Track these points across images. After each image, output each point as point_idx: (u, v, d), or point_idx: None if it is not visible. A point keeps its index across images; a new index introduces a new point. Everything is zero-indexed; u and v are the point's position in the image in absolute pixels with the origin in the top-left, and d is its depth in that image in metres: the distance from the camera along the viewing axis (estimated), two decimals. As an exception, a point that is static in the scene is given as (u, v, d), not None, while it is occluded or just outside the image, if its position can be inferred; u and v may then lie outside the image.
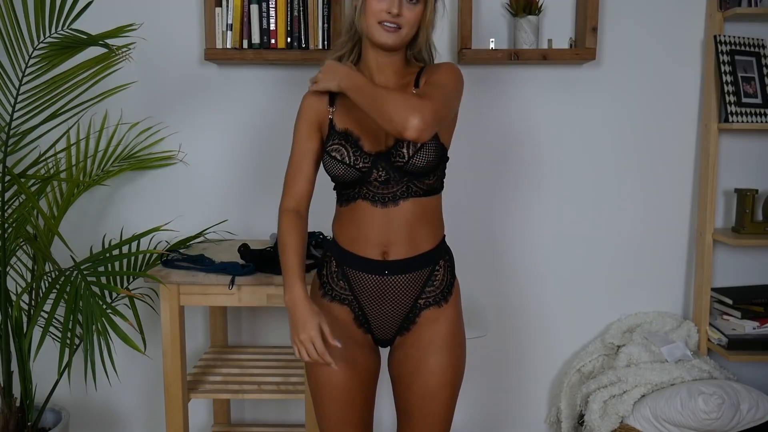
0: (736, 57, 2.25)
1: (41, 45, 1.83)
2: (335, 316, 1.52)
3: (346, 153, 1.46)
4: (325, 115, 1.51)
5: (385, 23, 1.42)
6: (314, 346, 1.38)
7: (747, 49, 2.27)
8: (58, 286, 1.76)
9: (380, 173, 1.45)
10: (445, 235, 1.58)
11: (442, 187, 1.54)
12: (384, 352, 1.62)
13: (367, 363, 1.54)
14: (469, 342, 1.61)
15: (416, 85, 1.49)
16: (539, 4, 2.24)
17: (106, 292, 2.17)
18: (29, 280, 2.19)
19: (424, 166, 1.45)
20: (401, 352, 1.55)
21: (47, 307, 2.20)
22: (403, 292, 1.50)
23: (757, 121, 2.25)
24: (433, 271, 1.52)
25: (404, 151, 1.44)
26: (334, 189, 1.56)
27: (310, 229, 1.65)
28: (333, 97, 1.52)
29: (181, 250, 2.13)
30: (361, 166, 1.45)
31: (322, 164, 1.53)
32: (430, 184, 1.49)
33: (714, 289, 2.38)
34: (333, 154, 1.47)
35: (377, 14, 1.42)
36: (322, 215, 1.75)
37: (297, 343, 1.41)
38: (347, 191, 1.49)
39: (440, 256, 1.54)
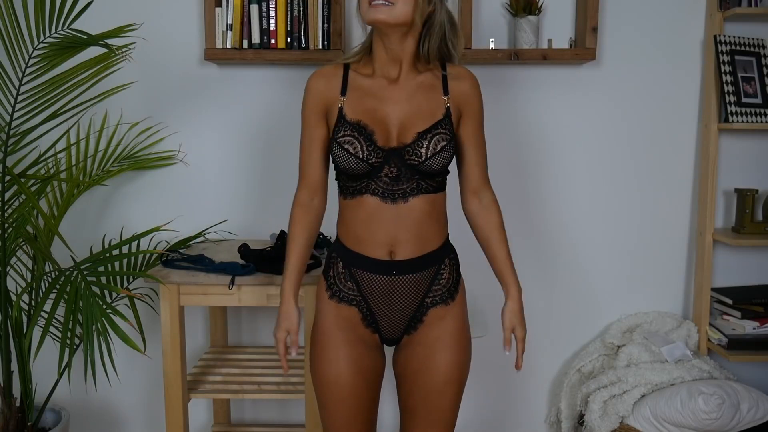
0: (736, 57, 2.25)
1: (41, 45, 1.82)
2: (343, 317, 1.52)
3: (359, 146, 1.43)
4: (333, 102, 1.48)
5: (373, 2, 1.39)
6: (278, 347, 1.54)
7: (747, 49, 2.27)
8: (58, 286, 1.76)
9: (391, 169, 1.44)
10: (448, 234, 1.58)
11: (446, 184, 1.54)
12: (388, 351, 1.62)
13: (374, 363, 1.54)
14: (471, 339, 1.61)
15: (446, 91, 1.48)
16: (539, 4, 2.24)
17: (106, 292, 2.17)
18: (29, 280, 2.19)
19: (438, 168, 1.46)
20: (408, 351, 1.55)
21: (47, 307, 2.20)
22: (411, 291, 1.50)
23: (757, 121, 2.25)
24: (439, 269, 1.52)
25: (422, 151, 1.44)
26: (336, 179, 1.53)
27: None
28: (345, 84, 1.48)
29: (181, 250, 2.13)
30: (374, 161, 1.43)
31: (330, 151, 1.49)
32: (439, 182, 1.49)
33: (714, 289, 2.38)
34: (345, 146, 1.43)
35: None
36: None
37: (274, 336, 1.55)
38: (353, 184, 1.47)
39: (446, 254, 1.54)
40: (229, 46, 2.17)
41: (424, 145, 1.44)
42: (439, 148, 1.44)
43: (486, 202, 1.59)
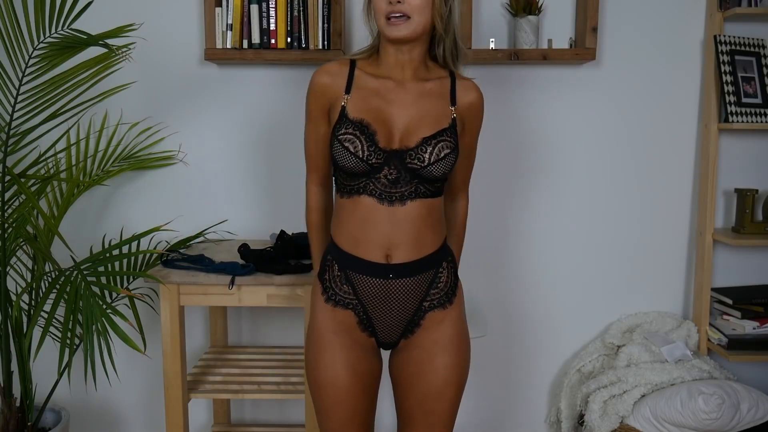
0: (736, 57, 2.25)
1: (41, 45, 1.82)
2: (339, 321, 1.51)
3: (360, 146, 1.42)
4: (337, 99, 1.48)
5: (391, 17, 1.40)
6: None
7: (747, 49, 2.27)
8: (58, 286, 1.76)
9: (391, 171, 1.43)
10: (447, 236, 1.58)
11: (443, 189, 1.54)
12: (384, 355, 1.61)
13: (370, 366, 1.53)
14: (470, 342, 1.61)
15: (453, 101, 1.49)
16: (539, 4, 2.24)
17: (106, 292, 2.17)
18: (29, 280, 2.19)
19: (439, 175, 1.45)
20: (405, 354, 1.54)
21: (47, 307, 2.20)
22: (408, 295, 1.49)
23: (757, 121, 2.25)
24: (437, 273, 1.51)
25: (426, 156, 1.43)
26: (333, 175, 1.53)
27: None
28: (350, 81, 1.48)
29: (181, 250, 2.13)
30: (373, 161, 1.43)
31: (330, 148, 1.48)
32: (438, 187, 1.49)
33: (714, 289, 2.38)
34: (346, 144, 1.43)
35: (382, 10, 1.41)
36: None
37: None
38: (351, 183, 1.46)
39: (443, 257, 1.53)
40: (229, 46, 2.17)
41: (428, 151, 1.43)
42: (442, 155, 1.44)
43: (457, 204, 1.68)
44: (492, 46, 2.23)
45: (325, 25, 2.15)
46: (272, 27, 2.15)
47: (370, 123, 1.44)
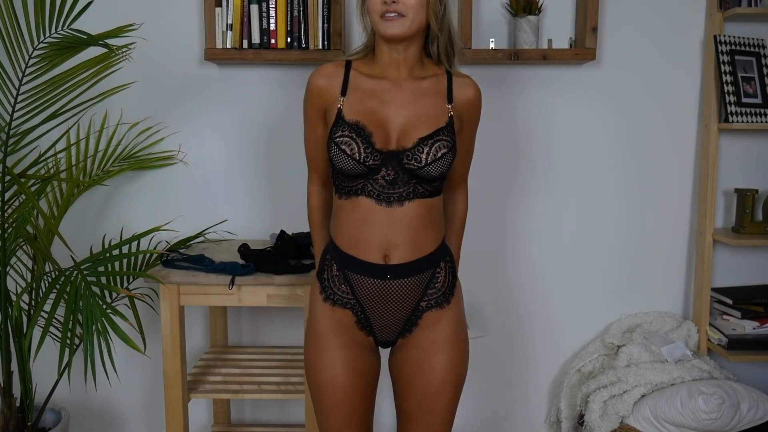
0: (736, 57, 2.25)
1: (41, 45, 1.83)
2: (337, 321, 1.51)
3: (356, 148, 1.42)
4: (333, 102, 1.47)
5: (386, 14, 1.40)
6: None
7: (747, 49, 2.27)
8: (58, 286, 1.76)
9: (388, 172, 1.43)
10: (446, 232, 1.58)
11: (442, 189, 1.54)
12: (384, 354, 1.61)
13: (369, 365, 1.54)
14: (470, 342, 1.61)
15: (450, 99, 1.48)
16: (539, 4, 2.24)
17: (106, 292, 2.17)
18: (29, 280, 2.19)
19: (437, 175, 1.45)
20: (403, 354, 1.54)
21: (47, 307, 2.20)
22: (406, 295, 1.49)
23: (757, 121, 2.25)
24: (434, 273, 1.51)
25: (422, 156, 1.43)
26: (332, 176, 1.53)
27: (307, 230, 1.66)
28: (345, 83, 1.48)
29: (181, 250, 2.13)
30: (370, 163, 1.43)
31: (327, 150, 1.48)
32: (436, 186, 1.49)
33: (714, 289, 2.38)
34: (343, 147, 1.43)
35: (377, 8, 1.41)
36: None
37: None
38: (349, 184, 1.46)
39: (441, 257, 1.53)
40: (229, 46, 2.17)
41: (425, 151, 1.43)
42: (439, 155, 1.44)
43: (456, 198, 1.67)
44: (492, 46, 2.23)
45: (325, 25, 2.15)
46: (272, 27, 2.15)
47: (366, 125, 1.44)
